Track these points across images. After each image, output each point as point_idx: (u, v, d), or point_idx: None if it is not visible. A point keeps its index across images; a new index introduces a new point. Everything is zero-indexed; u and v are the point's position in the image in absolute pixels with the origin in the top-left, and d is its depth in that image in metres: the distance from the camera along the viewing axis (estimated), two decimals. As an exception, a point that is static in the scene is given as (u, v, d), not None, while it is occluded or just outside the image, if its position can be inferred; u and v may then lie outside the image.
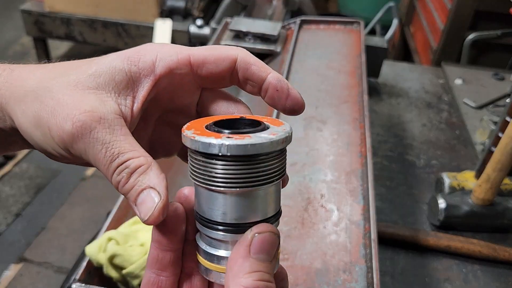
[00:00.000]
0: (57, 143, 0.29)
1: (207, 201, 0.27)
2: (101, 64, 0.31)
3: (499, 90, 1.42)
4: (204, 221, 0.28)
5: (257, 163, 0.26)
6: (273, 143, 0.26)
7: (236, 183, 0.26)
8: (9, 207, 1.94)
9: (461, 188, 0.97)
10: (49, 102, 0.29)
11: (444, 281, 0.87)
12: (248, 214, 0.27)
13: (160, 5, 2.51)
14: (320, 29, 1.28)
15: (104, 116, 0.28)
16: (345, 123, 0.91)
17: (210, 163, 0.26)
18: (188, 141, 0.27)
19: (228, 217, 0.27)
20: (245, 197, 0.27)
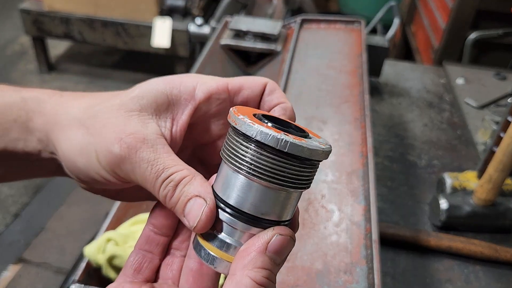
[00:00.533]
0: (103, 166, 0.30)
1: (240, 188, 0.28)
2: (143, 87, 0.33)
3: (501, 90, 1.41)
4: (228, 207, 0.28)
5: (302, 167, 0.27)
6: (324, 152, 0.27)
7: (277, 178, 0.26)
8: (8, 208, 1.94)
9: (462, 188, 0.97)
10: (95, 127, 0.31)
11: (446, 281, 0.86)
12: (272, 211, 0.28)
13: (159, 4, 2.50)
14: (321, 28, 1.28)
15: (147, 136, 0.30)
16: (346, 123, 0.90)
17: (261, 154, 0.26)
18: (244, 126, 0.26)
19: (255, 209, 0.27)
20: (276, 195, 0.27)
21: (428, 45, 2.30)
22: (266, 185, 0.27)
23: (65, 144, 0.31)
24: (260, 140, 0.26)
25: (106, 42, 2.67)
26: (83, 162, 0.31)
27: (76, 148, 0.31)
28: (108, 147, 0.30)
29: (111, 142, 0.30)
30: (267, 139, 0.25)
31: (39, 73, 2.94)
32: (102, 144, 0.30)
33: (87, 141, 0.30)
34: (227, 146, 0.28)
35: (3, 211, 1.92)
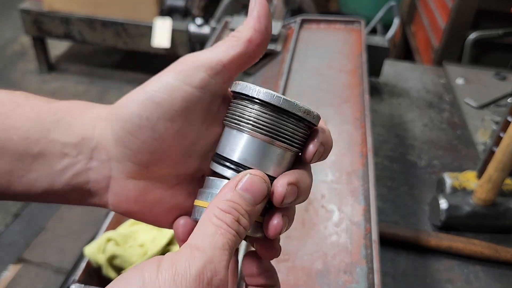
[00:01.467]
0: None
1: (233, 142, 0.30)
2: None
3: (501, 90, 1.41)
4: (220, 159, 0.31)
5: (281, 119, 0.30)
6: (297, 106, 0.29)
7: (263, 129, 0.30)
8: (8, 208, 1.94)
9: (462, 188, 0.97)
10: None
11: (446, 282, 0.86)
12: (259, 162, 0.30)
13: (159, 4, 2.50)
14: (321, 28, 1.28)
15: None
16: (346, 123, 0.90)
17: (263, 112, 0.30)
18: (247, 89, 0.30)
19: (242, 158, 0.30)
20: (263, 146, 0.30)
21: (428, 45, 2.30)
22: (256, 135, 0.30)
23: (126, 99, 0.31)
24: (263, 99, 0.29)
25: (106, 42, 2.67)
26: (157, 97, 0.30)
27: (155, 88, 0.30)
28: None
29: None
30: (271, 98, 0.29)
31: (39, 73, 2.94)
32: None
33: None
34: (231, 111, 0.31)
35: (3, 211, 1.92)
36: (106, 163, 0.31)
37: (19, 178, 0.31)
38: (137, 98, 0.30)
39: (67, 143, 0.31)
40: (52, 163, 0.31)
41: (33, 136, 0.30)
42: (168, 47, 2.50)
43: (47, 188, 0.31)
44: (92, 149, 0.31)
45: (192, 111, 0.30)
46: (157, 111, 0.30)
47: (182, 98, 0.30)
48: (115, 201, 0.32)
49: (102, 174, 0.31)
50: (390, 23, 1.91)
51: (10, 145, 0.30)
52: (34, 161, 0.31)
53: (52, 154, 0.31)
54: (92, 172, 0.31)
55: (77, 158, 0.31)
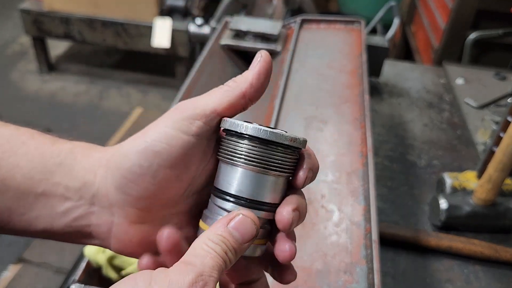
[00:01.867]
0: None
1: (229, 176, 0.32)
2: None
3: (501, 90, 1.41)
4: (219, 192, 0.33)
5: (270, 150, 0.31)
6: (283, 136, 0.31)
7: (255, 162, 0.31)
8: (8, 207, 1.93)
9: (462, 188, 0.97)
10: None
11: (446, 281, 0.86)
12: (256, 192, 0.32)
13: (159, 4, 2.50)
14: (321, 29, 1.28)
15: None
16: (346, 123, 0.90)
17: (253, 146, 0.31)
18: (236, 125, 0.32)
19: (239, 190, 0.32)
20: (257, 177, 0.32)
21: (428, 45, 2.30)
22: (261, 171, 0.32)
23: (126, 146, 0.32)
24: (251, 134, 0.31)
25: (106, 42, 2.67)
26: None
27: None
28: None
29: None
30: (259, 133, 0.31)
31: (39, 73, 2.94)
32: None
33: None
34: (224, 147, 0.33)
35: (3, 211, 1.92)
36: (107, 209, 0.32)
37: (19, 216, 0.31)
38: (137, 148, 0.31)
39: (70, 187, 0.32)
40: (54, 205, 0.32)
41: (36, 176, 0.31)
42: (168, 47, 2.51)
43: (47, 227, 0.32)
44: (93, 195, 0.32)
45: (190, 157, 0.32)
46: (157, 160, 0.31)
47: (180, 146, 0.31)
48: (118, 245, 0.33)
49: (103, 219, 0.32)
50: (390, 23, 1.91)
51: (13, 183, 0.31)
52: (36, 201, 0.31)
53: (54, 196, 0.31)
54: (94, 216, 0.32)
55: (78, 202, 0.32)
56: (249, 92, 0.32)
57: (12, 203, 0.31)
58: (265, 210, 0.32)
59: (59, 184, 0.31)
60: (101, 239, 0.33)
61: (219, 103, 0.32)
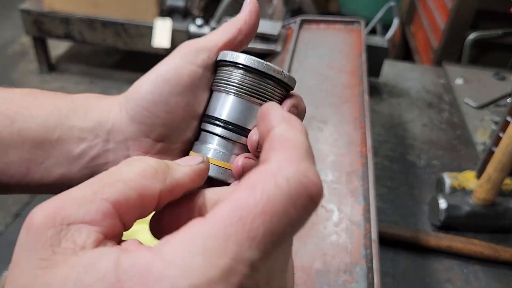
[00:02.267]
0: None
1: (221, 103, 0.34)
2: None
3: (500, 90, 1.41)
4: (221, 122, 0.34)
5: (261, 80, 0.33)
6: (276, 70, 0.33)
7: (246, 90, 0.34)
8: (9, 207, 1.94)
9: (462, 188, 0.97)
10: None
11: (445, 281, 0.86)
12: (244, 119, 0.34)
13: (159, 4, 2.51)
14: (321, 29, 1.28)
15: None
16: (346, 123, 0.91)
17: (246, 75, 0.34)
18: (233, 56, 0.34)
19: (243, 121, 0.34)
20: (247, 105, 0.34)
21: (427, 45, 2.30)
22: (251, 100, 0.34)
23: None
24: (246, 64, 0.33)
25: (106, 42, 2.67)
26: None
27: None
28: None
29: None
30: (251, 63, 0.33)
31: (39, 73, 2.95)
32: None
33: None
34: (218, 77, 0.35)
35: (3, 211, 1.92)
36: (122, 143, 0.33)
37: (37, 166, 0.32)
38: (148, 78, 0.33)
39: (84, 128, 0.33)
40: (70, 149, 0.32)
41: (51, 123, 0.32)
42: (168, 47, 2.51)
43: (64, 173, 0.32)
44: (108, 131, 0.33)
45: (197, 86, 0.34)
46: (167, 87, 0.33)
47: (188, 75, 0.33)
48: None
49: (119, 154, 0.33)
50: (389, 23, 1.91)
51: (30, 133, 0.31)
52: (52, 148, 0.32)
53: (70, 139, 0.32)
54: (110, 153, 0.33)
55: (94, 141, 0.33)
56: (244, 28, 0.35)
57: (30, 154, 0.31)
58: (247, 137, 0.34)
59: (74, 127, 0.32)
60: None
61: (219, 39, 0.35)
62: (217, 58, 0.35)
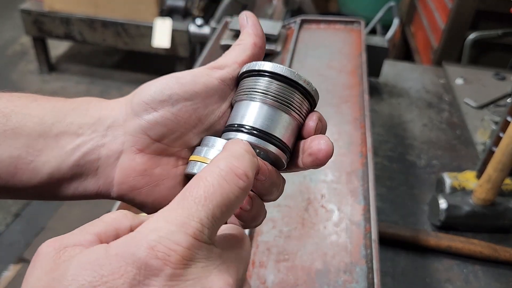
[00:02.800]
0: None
1: (244, 110, 0.33)
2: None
3: (500, 90, 1.41)
4: (231, 127, 0.33)
5: (288, 88, 0.33)
6: (301, 77, 0.33)
7: (273, 97, 0.32)
8: (9, 208, 1.94)
9: (462, 188, 0.97)
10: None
11: (445, 281, 0.86)
12: (268, 125, 0.32)
13: (159, 4, 2.51)
14: (321, 29, 1.28)
15: None
16: (346, 123, 0.91)
17: (259, 80, 0.33)
18: (258, 65, 0.33)
19: (253, 122, 0.32)
20: (272, 111, 0.33)
21: (427, 45, 2.30)
22: (277, 106, 0.32)
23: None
24: (271, 70, 0.32)
25: (106, 42, 2.67)
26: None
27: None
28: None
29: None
30: (275, 69, 0.32)
31: (39, 73, 2.95)
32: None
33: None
34: (242, 88, 0.34)
35: (3, 211, 1.92)
36: (119, 138, 0.33)
37: (26, 165, 0.31)
38: (162, 78, 0.33)
39: (83, 124, 0.32)
40: (64, 144, 0.32)
41: (48, 121, 0.32)
42: (168, 47, 2.51)
43: (53, 172, 0.32)
44: (108, 127, 0.33)
45: (211, 95, 0.34)
46: (179, 90, 0.32)
47: (203, 83, 0.33)
48: (122, 176, 0.33)
49: (113, 149, 0.33)
50: (389, 23, 1.91)
51: (25, 130, 0.31)
52: (46, 145, 0.31)
53: (66, 135, 0.32)
54: (103, 148, 0.33)
55: (90, 136, 0.32)
56: (257, 41, 0.36)
57: (21, 151, 0.31)
58: (275, 145, 0.32)
59: (73, 123, 0.32)
60: (106, 176, 0.33)
61: (237, 56, 0.35)
62: (239, 72, 0.35)
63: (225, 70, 0.34)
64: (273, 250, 0.66)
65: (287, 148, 0.33)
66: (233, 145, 0.29)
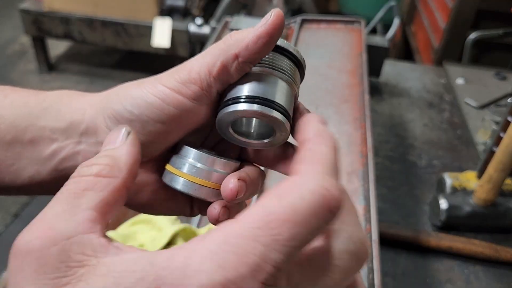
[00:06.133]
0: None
1: (239, 84, 0.30)
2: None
3: (501, 90, 1.41)
4: (224, 103, 0.30)
5: (278, 56, 0.31)
6: (291, 46, 0.31)
7: (268, 65, 0.31)
8: (8, 208, 1.94)
9: (462, 188, 0.97)
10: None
11: (446, 282, 0.86)
12: (265, 91, 0.29)
13: (159, 4, 2.50)
14: (321, 28, 1.27)
15: None
16: (346, 123, 0.90)
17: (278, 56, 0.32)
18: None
19: (251, 91, 0.30)
20: (267, 79, 0.30)
21: (428, 45, 2.30)
22: (272, 73, 0.30)
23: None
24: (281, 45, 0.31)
25: (106, 42, 2.67)
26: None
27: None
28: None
29: None
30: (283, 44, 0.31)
31: (39, 73, 2.94)
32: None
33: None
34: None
35: (3, 211, 1.92)
36: (93, 146, 0.31)
37: (7, 168, 0.30)
38: (131, 93, 0.30)
39: (56, 129, 0.31)
40: (41, 150, 0.31)
41: (21, 124, 0.31)
42: (168, 47, 2.50)
43: (34, 176, 0.31)
44: (81, 133, 0.31)
45: (184, 117, 0.30)
46: (147, 111, 0.30)
47: (174, 105, 0.29)
48: None
49: (89, 157, 0.31)
50: (390, 23, 1.91)
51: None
52: (23, 149, 0.31)
53: (40, 140, 0.31)
54: (80, 155, 0.31)
55: (64, 142, 0.31)
56: (243, 54, 0.28)
57: (0, 154, 0.30)
58: (277, 111, 0.29)
59: (45, 128, 0.31)
60: None
61: (213, 65, 0.29)
62: (217, 89, 0.31)
63: (197, 85, 0.29)
64: (273, 250, 0.66)
65: (290, 116, 0.30)
66: (318, 142, 0.25)
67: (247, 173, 0.31)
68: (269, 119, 0.29)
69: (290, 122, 0.30)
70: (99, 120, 0.31)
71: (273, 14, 0.28)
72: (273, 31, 0.28)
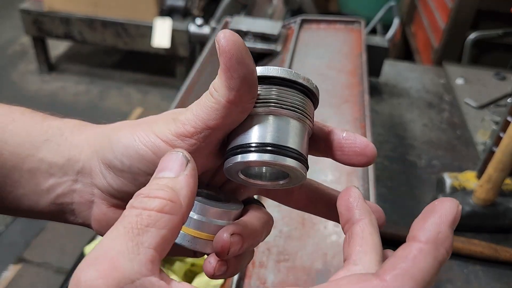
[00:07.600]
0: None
1: (245, 128, 0.27)
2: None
3: (501, 90, 1.41)
4: (230, 151, 0.28)
5: (308, 98, 0.28)
6: (301, 76, 0.28)
7: (294, 108, 0.27)
8: (8, 207, 1.94)
9: (462, 188, 0.97)
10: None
11: (446, 282, 0.86)
12: (276, 137, 0.27)
13: (159, 4, 2.51)
14: (321, 29, 1.28)
15: None
16: (346, 123, 0.91)
17: (283, 89, 0.28)
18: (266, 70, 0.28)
19: (259, 137, 0.27)
20: (277, 120, 0.27)
21: (427, 45, 2.30)
22: (279, 112, 0.27)
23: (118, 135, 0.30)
24: (269, 75, 0.27)
25: (106, 42, 2.67)
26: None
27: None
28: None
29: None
30: (275, 72, 0.27)
31: (39, 73, 2.94)
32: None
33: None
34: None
35: (3, 211, 1.92)
36: (89, 187, 0.32)
37: (7, 194, 0.31)
38: (124, 142, 0.29)
39: (53, 164, 0.31)
40: (39, 182, 0.31)
41: (22, 153, 0.31)
42: (168, 47, 2.51)
43: (32, 206, 0.32)
44: (78, 172, 0.32)
45: None
46: (139, 164, 0.29)
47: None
48: (97, 226, 0.33)
49: (85, 197, 0.32)
50: (390, 23, 1.91)
51: (1, 160, 0.31)
52: (22, 178, 0.31)
53: (39, 172, 0.31)
54: (76, 194, 0.32)
55: (62, 179, 0.31)
56: (232, 98, 0.26)
57: (1, 179, 0.31)
58: (291, 157, 0.26)
59: (43, 161, 0.31)
60: (83, 218, 0.33)
61: (208, 118, 0.27)
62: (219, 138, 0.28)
63: (194, 138, 0.27)
64: (273, 250, 0.66)
65: (305, 159, 0.28)
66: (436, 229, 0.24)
67: (246, 223, 0.29)
68: (283, 168, 0.26)
69: (307, 165, 0.28)
70: (93, 163, 0.31)
71: (219, 40, 0.25)
72: (232, 53, 0.25)
